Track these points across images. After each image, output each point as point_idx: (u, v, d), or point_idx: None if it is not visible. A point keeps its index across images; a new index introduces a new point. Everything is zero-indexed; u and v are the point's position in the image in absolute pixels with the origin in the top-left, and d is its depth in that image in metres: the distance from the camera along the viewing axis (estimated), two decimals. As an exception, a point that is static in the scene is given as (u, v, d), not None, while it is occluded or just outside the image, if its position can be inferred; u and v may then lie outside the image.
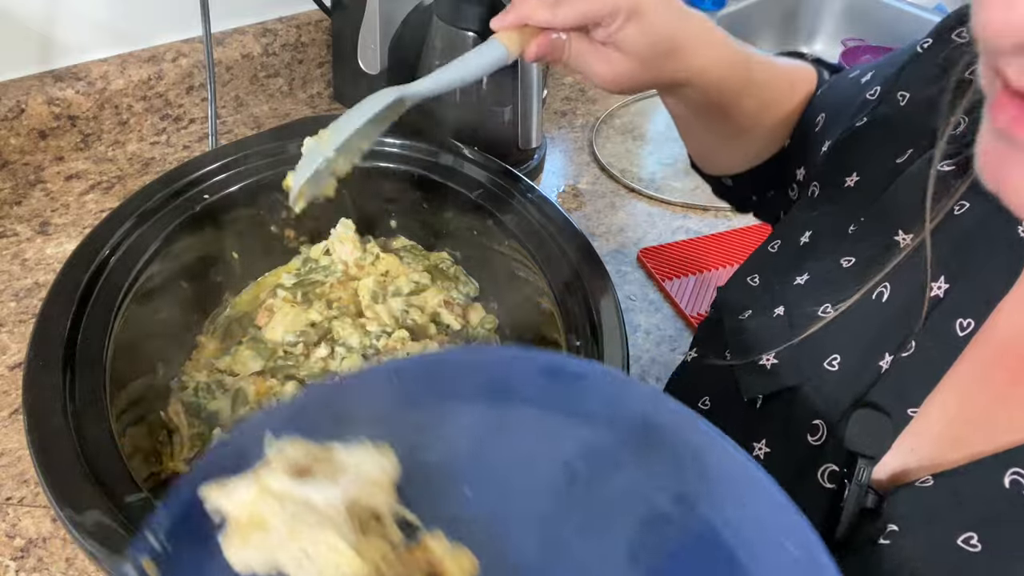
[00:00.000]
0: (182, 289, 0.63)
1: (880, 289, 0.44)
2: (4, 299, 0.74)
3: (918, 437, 0.42)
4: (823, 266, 0.48)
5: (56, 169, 0.89)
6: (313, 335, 0.64)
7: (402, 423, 0.36)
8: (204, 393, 0.60)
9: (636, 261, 0.88)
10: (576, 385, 0.36)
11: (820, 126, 0.57)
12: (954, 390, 0.41)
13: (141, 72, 0.91)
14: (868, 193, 0.48)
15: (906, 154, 0.47)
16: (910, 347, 0.42)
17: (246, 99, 1.02)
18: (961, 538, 0.37)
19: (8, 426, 0.64)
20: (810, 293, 0.48)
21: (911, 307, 0.43)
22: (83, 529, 0.41)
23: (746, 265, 0.56)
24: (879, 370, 0.43)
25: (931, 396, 0.41)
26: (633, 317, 0.81)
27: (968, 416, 0.41)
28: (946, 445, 0.41)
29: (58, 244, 0.80)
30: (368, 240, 0.71)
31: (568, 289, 0.57)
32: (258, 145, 0.67)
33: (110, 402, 0.49)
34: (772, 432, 0.48)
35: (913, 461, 0.42)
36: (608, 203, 0.96)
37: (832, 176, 0.52)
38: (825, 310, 0.46)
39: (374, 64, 0.92)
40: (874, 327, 0.44)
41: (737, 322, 0.52)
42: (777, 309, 0.49)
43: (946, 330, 0.41)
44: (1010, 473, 0.37)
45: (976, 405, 0.41)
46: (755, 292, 0.53)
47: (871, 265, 0.45)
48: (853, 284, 0.45)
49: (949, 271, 0.42)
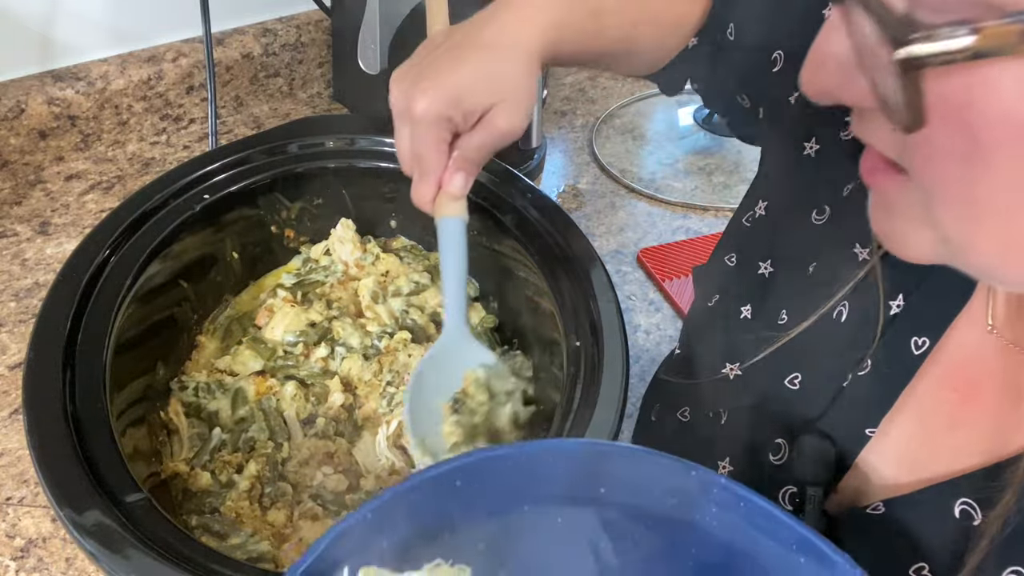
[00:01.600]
0: (182, 289, 0.63)
1: (839, 307, 0.43)
2: (4, 299, 0.74)
3: (879, 456, 0.41)
4: (784, 261, 0.47)
5: (56, 169, 0.89)
6: (313, 335, 0.64)
7: (472, 533, 0.35)
8: (204, 393, 0.60)
9: (636, 261, 0.88)
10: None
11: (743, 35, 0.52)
12: (912, 410, 0.40)
13: (141, 72, 0.91)
14: (828, 171, 0.46)
15: (849, 127, 0.43)
16: (866, 366, 0.41)
17: (246, 99, 1.02)
18: (913, 568, 0.36)
19: (8, 426, 0.64)
20: (773, 290, 0.47)
21: (868, 325, 0.41)
22: (83, 529, 0.41)
23: (723, 241, 0.55)
24: (839, 389, 0.42)
25: (890, 415, 0.40)
26: (633, 317, 0.81)
27: (923, 438, 0.40)
28: (903, 469, 0.40)
29: (58, 244, 0.80)
30: (368, 240, 0.71)
31: (568, 289, 0.57)
32: (258, 145, 0.67)
33: (110, 402, 0.49)
34: (735, 450, 0.48)
35: (876, 480, 0.41)
36: (608, 203, 0.96)
37: (787, 131, 0.48)
38: (782, 317, 0.45)
39: (374, 64, 0.92)
40: (832, 345, 0.43)
41: (706, 309, 0.51)
42: (744, 309, 0.48)
43: (901, 348, 0.40)
44: (959, 503, 0.36)
45: (930, 426, 0.40)
46: (727, 274, 0.52)
47: (832, 277, 0.43)
48: (814, 294, 0.44)
49: (906, 288, 0.41)
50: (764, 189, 0.52)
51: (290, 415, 0.60)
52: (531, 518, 0.36)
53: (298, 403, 0.60)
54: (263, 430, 0.59)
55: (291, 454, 0.58)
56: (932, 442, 0.40)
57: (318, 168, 0.68)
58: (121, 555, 0.40)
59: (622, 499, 0.36)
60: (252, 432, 0.58)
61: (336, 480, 0.56)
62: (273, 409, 0.60)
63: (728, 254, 0.53)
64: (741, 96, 0.54)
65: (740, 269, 0.51)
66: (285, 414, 0.60)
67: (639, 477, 0.35)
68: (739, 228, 0.54)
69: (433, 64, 0.46)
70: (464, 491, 0.35)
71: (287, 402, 0.60)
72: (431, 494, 0.34)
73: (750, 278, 0.50)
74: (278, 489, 0.56)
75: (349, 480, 0.57)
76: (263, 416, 0.59)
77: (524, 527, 0.36)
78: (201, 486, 0.55)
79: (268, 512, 0.54)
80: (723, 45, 0.53)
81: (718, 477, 0.34)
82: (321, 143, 0.68)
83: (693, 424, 0.53)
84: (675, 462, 0.35)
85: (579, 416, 0.49)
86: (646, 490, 0.35)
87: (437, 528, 0.35)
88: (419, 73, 0.46)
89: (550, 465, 0.36)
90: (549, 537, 0.36)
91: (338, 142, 0.68)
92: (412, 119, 0.46)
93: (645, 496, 0.35)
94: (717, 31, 0.53)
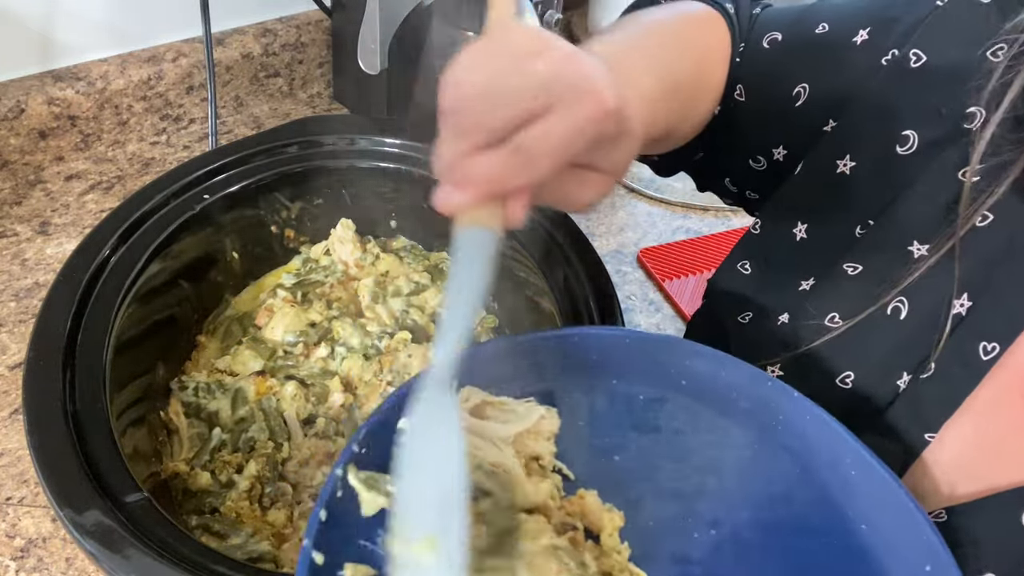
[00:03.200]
0: (182, 289, 0.63)
1: (896, 304, 0.41)
2: (4, 299, 0.74)
3: (932, 464, 0.40)
4: (827, 272, 0.45)
5: (56, 169, 0.89)
6: (313, 335, 0.64)
7: (570, 387, 0.41)
8: (204, 393, 0.60)
9: (636, 261, 0.88)
10: (719, 379, 0.40)
11: (773, 83, 0.50)
12: (971, 416, 0.39)
13: (141, 72, 0.91)
14: (867, 185, 0.44)
15: (908, 142, 0.43)
16: (930, 368, 0.40)
17: (246, 99, 1.02)
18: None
19: (8, 426, 0.64)
20: (815, 301, 0.45)
21: (931, 324, 0.40)
22: (83, 529, 0.41)
23: (735, 251, 0.53)
24: (896, 389, 0.41)
25: (948, 421, 0.39)
26: (633, 317, 0.81)
27: (984, 445, 0.39)
28: (961, 475, 0.39)
29: (58, 244, 0.80)
30: (368, 240, 0.71)
31: (568, 289, 0.57)
32: (258, 145, 0.67)
33: (110, 402, 0.49)
34: None
35: (928, 488, 0.40)
36: (608, 203, 0.96)
37: (819, 155, 0.47)
38: (833, 319, 0.44)
39: (374, 64, 0.92)
40: (889, 344, 0.41)
41: (737, 325, 0.50)
42: (782, 316, 0.46)
43: (970, 352, 0.39)
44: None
45: (992, 434, 0.39)
46: (749, 285, 0.50)
47: (883, 277, 0.42)
48: (862, 295, 0.42)
49: (973, 288, 0.39)
50: (795, 213, 0.50)
51: (290, 415, 0.60)
52: (619, 389, 0.41)
53: (298, 403, 0.60)
54: (263, 430, 0.59)
55: (291, 454, 0.58)
56: (994, 449, 0.39)
57: (318, 168, 0.68)
58: (121, 555, 0.40)
59: (698, 391, 0.40)
60: (252, 432, 0.58)
61: (336, 480, 0.56)
62: (273, 409, 0.60)
63: (741, 262, 0.52)
64: (755, 158, 0.52)
65: (760, 278, 0.50)
66: (285, 414, 0.60)
67: (718, 376, 0.40)
68: (766, 240, 0.51)
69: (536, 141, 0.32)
70: (569, 353, 0.41)
71: (287, 402, 0.60)
72: (542, 350, 0.41)
73: (778, 287, 0.48)
74: (278, 489, 0.56)
75: (349, 480, 0.57)
76: (263, 416, 0.59)
77: (610, 395, 0.41)
78: (201, 486, 0.55)
79: (268, 512, 0.54)
80: (735, 111, 0.51)
81: (791, 390, 0.38)
82: (321, 143, 0.68)
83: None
84: (755, 370, 0.39)
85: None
86: (723, 389, 0.40)
87: (538, 376, 0.41)
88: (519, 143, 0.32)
89: (638, 349, 0.41)
90: (629, 409, 0.41)
91: (338, 142, 0.68)
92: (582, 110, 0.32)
93: (721, 394, 0.40)
94: (729, 99, 0.51)
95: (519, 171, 0.32)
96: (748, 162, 0.53)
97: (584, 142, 0.33)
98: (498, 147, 0.31)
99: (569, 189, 0.36)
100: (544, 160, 0.32)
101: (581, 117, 0.31)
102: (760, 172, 0.53)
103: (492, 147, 0.31)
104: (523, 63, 0.31)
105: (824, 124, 0.47)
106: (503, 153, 0.31)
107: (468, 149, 0.31)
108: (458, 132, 0.31)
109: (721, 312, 0.52)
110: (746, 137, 0.52)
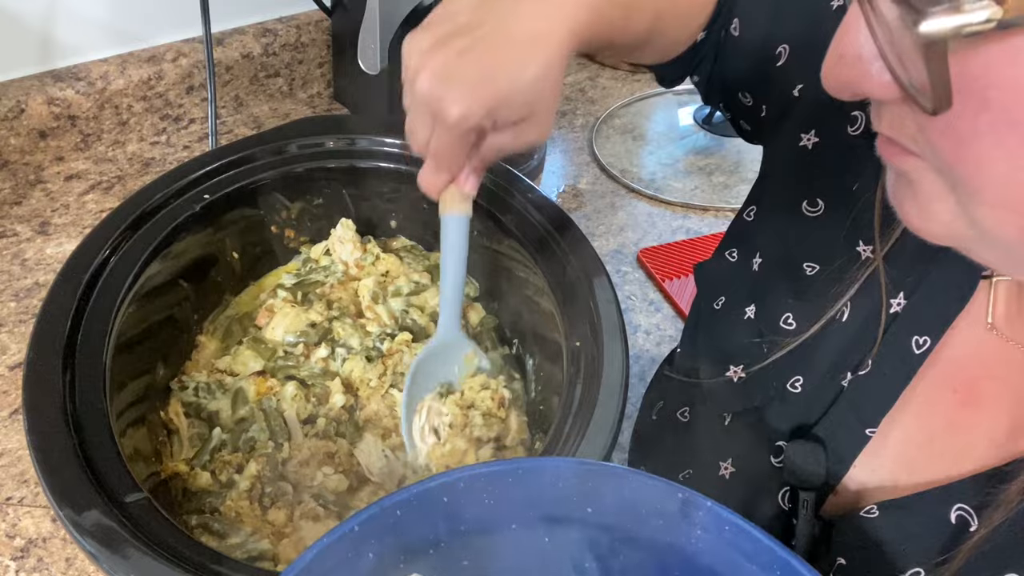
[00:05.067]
0: (182, 289, 0.63)
1: (841, 308, 0.42)
2: (4, 299, 0.74)
3: (878, 458, 0.41)
4: (786, 271, 0.46)
5: (56, 169, 0.89)
6: (313, 335, 0.64)
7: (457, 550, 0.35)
8: (204, 393, 0.60)
9: (636, 261, 0.88)
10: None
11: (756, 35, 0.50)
12: (912, 410, 0.40)
13: (141, 72, 0.91)
14: (825, 170, 0.45)
15: (856, 122, 0.43)
16: (867, 366, 0.41)
17: (246, 99, 1.02)
18: (909, 573, 0.36)
19: (8, 426, 0.64)
20: (775, 295, 0.47)
21: (870, 325, 0.41)
22: (83, 529, 0.41)
23: (726, 237, 0.54)
24: (839, 390, 0.42)
25: (890, 416, 0.40)
26: (633, 317, 0.81)
27: (921, 440, 0.40)
28: (902, 470, 0.40)
29: (58, 244, 0.80)
30: (368, 240, 0.71)
31: (568, 289, 0.57)
32: (258, 145, 0.67)
33: (110, 402, 0.49)
34: (738, 451, 0.48)
35: (874, 482, 0.41)
36: (608, 203, 0.96)
37: (788, 120, 0.47)
38: (787, 320, 0.45)
39: (374, 64, 0.92)
40: (835, 348, 0.42)
41: (711, 311, 0.51)
42: (748, 308, 0.48)
43: (903, 348, 0.40)
44: (956, 509, 0.36)
45: (928, 428, 0.39)
46: (727, 272, 0.51)
47: (835, 279, 0.43)
48: (816, 297, 0.43)
49: (907, 287, 0.40)
50: (762, 186, 0.52)
51: (290, 415, 0.60)
52: (517, 536, 0.35)
53: (298, 403, 0.60)
54: (263, 430, 0.59)
55: (291, 454, 0.58)
56: (931, 445, 0.39)
57: (318, 168, 0.68)
58: (121, 555, 0.40)
59: (609, 520, 0.35)
60: (252, 432, 0.58)
61: (337, 480, 0.56)
62: (273, 409, 0.60)
63: (729, 250, 0.53)
64: (743, 93, 0.54)
65: (741, 267, 0.51)
66: (285, 414, 0.60)
67: (626, 498, 0.35)
68: (740, 226, 0.53)
69: (464, 65, 0.41)
70: (451, 507, 0.35)
71: (287, 402, 0.60)
72: (417, 509, 0.34)
73: (750, 276, 0.49)
74: (278, 489, 0.56)
75: (350, 481, 0.57)
76: (263, 416, 0.59)
77: (510, 546, 0.35)
78: (201, 486, 0.55)
79: (268, 512, 0.54)
80: (727, 41, 0.52)
81: (704, 500, 0.34)
82: (321, 143, 0.68)
83: (694, 424, 0.53)
84: (662, 484, 0.35)
85: (579, 416, 0.49)
86: (633, 511, 0.35)
87: (422, 543, 0.35)
88: (448, 70, 0.41)
89: (538, 484, 0.35)
90: (534, 557, 0.36)
91: (338, 142, 0.68)
92: (442, 123, 0.43)
93: (632, 517, 0.35)
94: (723, 27, 0.52)
95: (442, 167, 0.48)
96: (737, 96, 0.54)
97: (469, 136, 0.44)
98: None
99: (504, 144, 0.45)
100: (453, 160, 0.47)
101: (448, 126, 0.42)
102: (748, 107, 0.53)
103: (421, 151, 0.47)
104: (408, 85, 0.44)
105: (793, 89, 0.47)
106: (427, 160, 0.48)
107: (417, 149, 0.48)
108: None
109: (701, 295, 0.53)
110: (737, 72, 0.53)
